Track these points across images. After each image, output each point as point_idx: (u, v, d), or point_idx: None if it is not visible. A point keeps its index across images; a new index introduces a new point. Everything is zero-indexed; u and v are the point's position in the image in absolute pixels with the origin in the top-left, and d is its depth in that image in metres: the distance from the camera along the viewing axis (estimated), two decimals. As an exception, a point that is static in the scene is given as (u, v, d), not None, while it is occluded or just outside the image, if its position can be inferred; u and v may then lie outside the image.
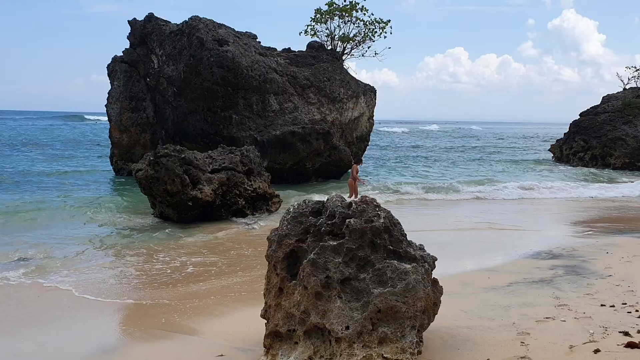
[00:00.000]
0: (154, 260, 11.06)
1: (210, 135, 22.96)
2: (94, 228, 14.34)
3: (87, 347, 6.58)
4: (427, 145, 60.52)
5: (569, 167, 34.39)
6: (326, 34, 28.22)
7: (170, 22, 25.37)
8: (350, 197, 16.46)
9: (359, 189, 18.11)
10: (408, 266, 5.64)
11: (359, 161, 19.37)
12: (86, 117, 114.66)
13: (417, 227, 13.77)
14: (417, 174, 30.39)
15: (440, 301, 6.16)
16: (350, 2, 28.13)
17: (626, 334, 6.16)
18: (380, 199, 17.03)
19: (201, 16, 24.55)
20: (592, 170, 32.39)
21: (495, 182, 25.40)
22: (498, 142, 70.31)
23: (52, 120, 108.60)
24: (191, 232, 13.71)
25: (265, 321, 6.02)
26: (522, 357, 5.65)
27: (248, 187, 15.76)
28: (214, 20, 24.75)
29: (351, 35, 28.33)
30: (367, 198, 6.11)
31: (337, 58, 27.83)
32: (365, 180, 22.92)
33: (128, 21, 26.00)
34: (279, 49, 27.41)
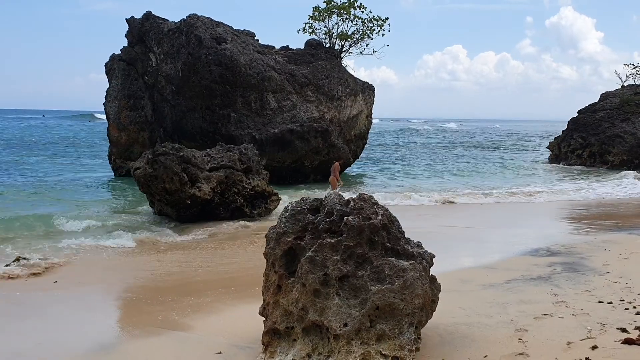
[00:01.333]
0: (152, 258, 11.06)
1: (209, 133, 22.94)
2: (92, 227, 14.32)
3: (85, 344, 6.57)
4: (435, 142, 60.52)
5: (568, 167, 34.19)
6: (324, 32, 28.24)
7: (168, 20, 25.32)
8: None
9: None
10: (406, 263, 5.64)
11: (339, 159, 19.68)
12: (97, 115, 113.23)
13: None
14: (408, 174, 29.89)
15: (438, 298, 6.17)
16: (348, -1, 28.13)
17: (624, 330, 6.18)
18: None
19: (199, 14, 24.52)
20: (586, 169, 32.01)
21: (487, 186, 24.97)
22: (508, 140, 69.76)
23: (60, 120, 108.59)
24: (190, 231, 13.71)
25: (264, 318, 6.03)
26: (520, 354, 5.66)
27: (246, 186, 15.75)
28: (212, 19, 24.72)
29: (349, 33, 28.33)
30: (365, 195, 6.12)
31: (335, 56, 27.80)
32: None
33: (126, 19, 25.95)
34: (277, 47, 27.37)
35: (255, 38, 26.28)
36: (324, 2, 28.25)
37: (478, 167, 34.27)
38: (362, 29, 28.37)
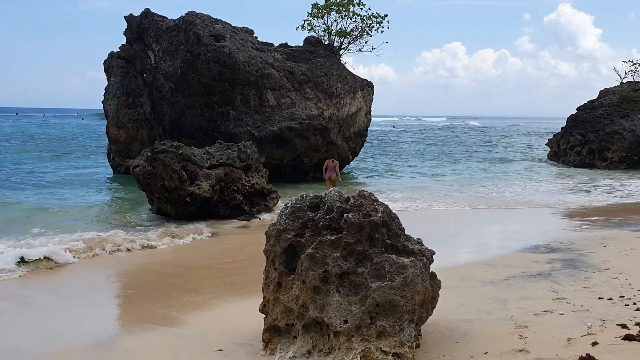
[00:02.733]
0: (152, 256, 11.05)
1: (208, 131, 22.91)
2: (91, 225, 14.32)
3: (85, 341, 6.57)
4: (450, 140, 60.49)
5: (568, 167, 33.63)
6: (323, 29, 28.15)
7: (166, 17, 25.26)
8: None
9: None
10: (406, 260, 5.64)
11: (333, 157, 19.88)
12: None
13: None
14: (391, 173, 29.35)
15: (438, 295, 6.16)
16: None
17: (624, 326, 6.18)
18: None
19: (198, 12, 24.47)
20: (583, 170, 31.05)
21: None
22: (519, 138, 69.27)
23: (59, 119, 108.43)
24: (189, 228, 13.69)
25: (264, 316, 6.02)
26: (520, 350, 5.66)
27: (246, 183, 15.75)
28: (211, 16, 24.66)
29: (348, 30, 28.26)
30: (365, 192, 6.11)
31: (334, 53, 27.75)
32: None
33: (125, 17, 25.91)
34: (276, 44, 27.34)
35: (254, 35, 26.23)
36: (322, -1, 28.21)
37: (476, 166, 34.26)
38: (361, 26, 28.31)
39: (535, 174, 29.35)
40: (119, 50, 26.43)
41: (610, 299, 7.35)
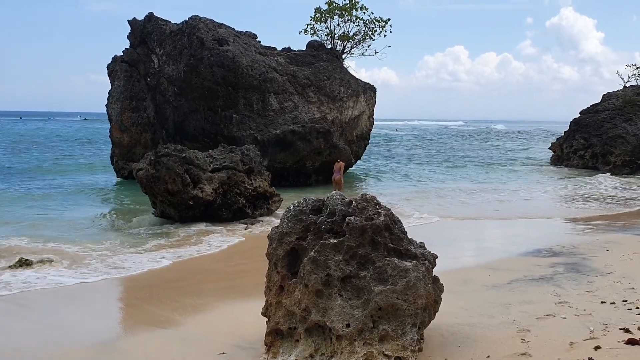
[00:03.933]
0: (155, 259, 11.07)
1: (211, 134, 22.96)
2: (93, 227, 14.35)
3: (87, 343, 6.59)
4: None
5: (567, 171, 33.42)
6: (326, 33, 28.24)
7: (170, 21, 25.36)
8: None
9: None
10: (409, 264, 5.64)
11: (341, 159, 20.04)
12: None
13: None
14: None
15: (441, 299, 6.16)
16: (350, 1, 28.13)
17: (627, 330, 6.17)
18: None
19: (201, 16, 24.56)
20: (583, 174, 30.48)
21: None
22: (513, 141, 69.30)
23: (62, 122, 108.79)
24: (192, 232, 13.72)
25: (266, 319, 6.03)
26: (522, 354, 5.66)
27: (248, 186, 15.77)
28: (214, 20, 24.75)
29: (351, 34, 28.34)
30: (367, 196, 6.12)
31: (337, 57, 27.81)
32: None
33: (128, 21, 26.02)
34: (279, 48, 27.41)
35: (257, 39, 26.31)
36: (325, 4, 28.31)
37: (478, 170, 34.24)
38: (363, 30, 28.40)
39: (537, 178, 29.33)
40: (122, 54, 26.53)
41: (613, 303, 7.34)
